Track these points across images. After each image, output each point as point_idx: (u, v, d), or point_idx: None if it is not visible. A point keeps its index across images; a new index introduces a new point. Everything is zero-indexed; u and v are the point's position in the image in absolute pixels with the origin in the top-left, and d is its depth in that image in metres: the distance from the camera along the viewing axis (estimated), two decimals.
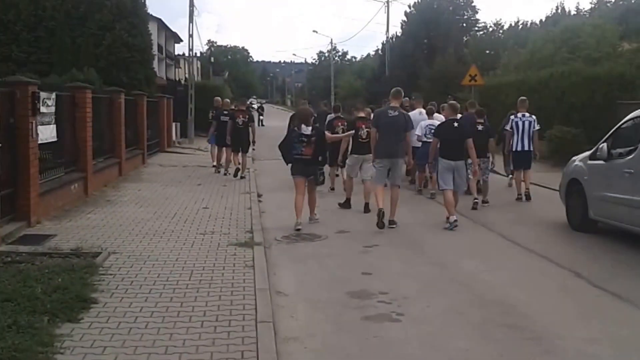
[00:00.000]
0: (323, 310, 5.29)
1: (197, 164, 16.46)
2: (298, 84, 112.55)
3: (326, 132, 9.68)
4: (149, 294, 5.37)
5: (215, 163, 14.99)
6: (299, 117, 8.97)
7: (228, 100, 17.95)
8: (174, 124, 21.67)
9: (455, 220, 8.50)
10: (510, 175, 12.25)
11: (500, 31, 39.59)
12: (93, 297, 5.19)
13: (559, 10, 43.52)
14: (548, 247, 7.53)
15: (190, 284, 5.71)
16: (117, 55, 19.90)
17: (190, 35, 23.03)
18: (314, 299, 5.59)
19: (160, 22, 46.08)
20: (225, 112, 14.62)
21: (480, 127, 10.57)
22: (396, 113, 8.67)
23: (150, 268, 6.22)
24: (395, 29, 61.87)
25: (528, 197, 10.84)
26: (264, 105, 35.06)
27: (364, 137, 9.97)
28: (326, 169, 10.32)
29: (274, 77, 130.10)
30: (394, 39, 36.23)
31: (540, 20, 44.44)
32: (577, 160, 9.02)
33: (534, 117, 11.03)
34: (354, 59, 78.83)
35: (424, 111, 12.23)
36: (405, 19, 35.24)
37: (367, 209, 9.72)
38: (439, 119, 11.43)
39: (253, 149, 14.31)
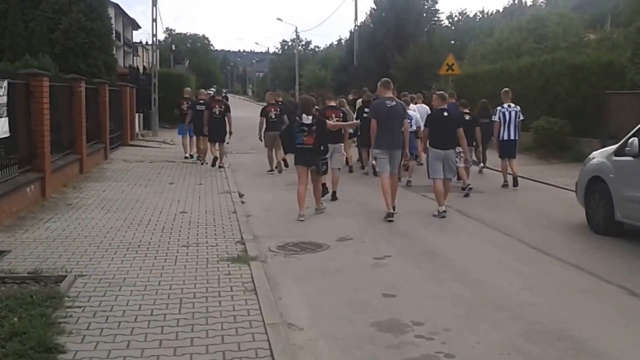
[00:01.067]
0: (352, 352, 4.26)
1: (165, 158, 15.13)
2: (259, 74, 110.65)
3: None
4: (131, 336, 4.24)
5: (187, 154, 15.19)
6: (300, 106, 8.93)
7: (204, 90, 17.97)
8: (137, 115, 20.17)
9: (444, 211, 8.60)
10: (482, 164, 13.03)
11: (464, 20, 39.19)
12: (59, 344, 4.03)
13: (516, 2, 43.39)
14: (579, 256, 6.69)
15: (181, 318, 4.59)
16: (74, 41, 18.29)
17: (154, 20, 21.49)
18: (336, 335, 4.55)
19: (117, 8, 43.84)
20: (202, 102, 14.53)
21: (467, 117, 11.01)
22: (394, 103, 8.67)
23: (127, 296, 5.07)
24: (363, 17, 60.73)
25: (516, 183, 11.11)
26: (227, 95, 33.52)
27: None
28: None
29: (234, 67, 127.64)
30: (361, 27, 35.19)
31: (498, 11, 44.27)
32: (598, 156, 8.21)
33: (518, 107, 11.34)
34: (317, 49, 77.58)
35: (424, 106, 12.68)
36: (374, 6, 34.20)
37: (334, 196, 9.95)
38: (412, 109, 12.15)
39: (228, 141, 14.22)
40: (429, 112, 10.84)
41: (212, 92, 20.09)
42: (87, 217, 8.05)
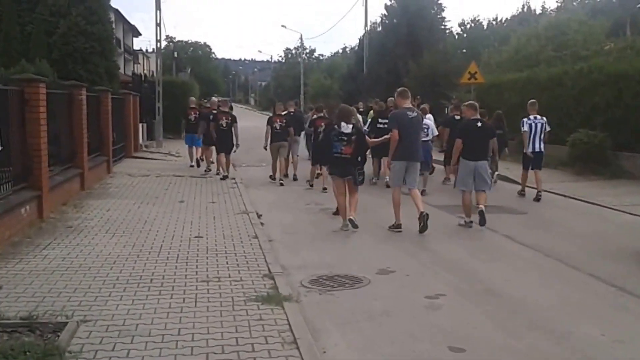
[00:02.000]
0: None
1: (172, 172, 14.18)
2: (261, 83, 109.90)
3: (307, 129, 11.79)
4: None
5: (192, 163, 15.56)
6: (338, 115, 8.58)
7: (215, 98, 17.87)
8: (140, 125, 19.24)
9: (471, 222, 8.53)
10: (496, 173, 12.66)
11: (476, 28, 38.24)
12: None
13: (525, 9, 42.60)
14: None
15: None
16: (73, 45, 17.39)
17: (158, 24, 20.55)
18: None
19: (117, 13, 43.08)
20: (215, 112, 14.28)
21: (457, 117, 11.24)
22: (415, 114, 8.59)
23: (142, 351, 4.14)
24: (373, 24, 60.31)
25: (538, 197, 10.85)
26: (232, 105, 32.53)
27: None
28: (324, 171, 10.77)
29: (236, 75, 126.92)
30: (371, 34, 34.31)
31: (506, 19, 43.44)
32: None
33: (545, 118, 11.24)
34: (321, 57, 76.83)
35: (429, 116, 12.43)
36: (385, 12, 33.32)
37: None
38: (428, 118, 12.27)
39: (234, 151, 13.98)
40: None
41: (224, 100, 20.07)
42: (90, 243, 7.10)
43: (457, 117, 12.32)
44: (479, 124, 8.78)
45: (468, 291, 5.86)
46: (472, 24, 36.80)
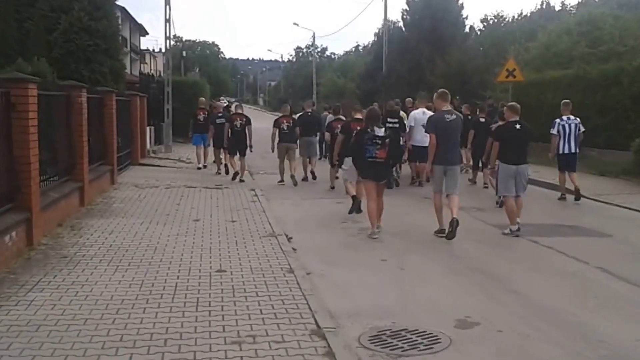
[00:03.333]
0: None
1: (184, 182, 12.77)
2: (270, 82, 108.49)
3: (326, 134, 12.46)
4: None
5: (200, 165, 15.47)
6: (369, 118, 8.42)
7: (220, 103, 18.53)
8: (148, 129, 17.87)
9: (518, 229, 8.17)
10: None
11: (502, 24, 36.49)
12: None
13: (544, 6, 40.94)
14: None
15: None
16: (75, 43, 16.01)
17: (167, 20, 19.20)
18: None
19: (123, 11, 41.76)
20: (220, 115, 14.56)
21: (482, 119, 11.38)
22: (453, 117, 8.30)
23: None
24: (389, 22, 58.67)
25: (578, 196, 10.74)
26: (242, 105, 30.95)
27: None
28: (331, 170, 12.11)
29: (244, 75, 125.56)
30: (391, 30, 32.71)
31: (525, 15, 41.81)
32: None
33: (578, 119, 11.10)
34: (333, 56, 75.31)
35: (427, 111, 12.04)
36: (406, 7, 31.64)
37: (359, 208, 9.53)
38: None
39: (250, 152, 13.97)
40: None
41: (226, 102, 20.13)
42: (89, 280, 5.71)
43: (482, 120, 12.75)
44: (518, 126, 8.44)
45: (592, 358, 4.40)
46: (495, 20, 34.96)
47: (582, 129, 11.08)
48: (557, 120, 11.06)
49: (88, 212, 8.95)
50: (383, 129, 8.21)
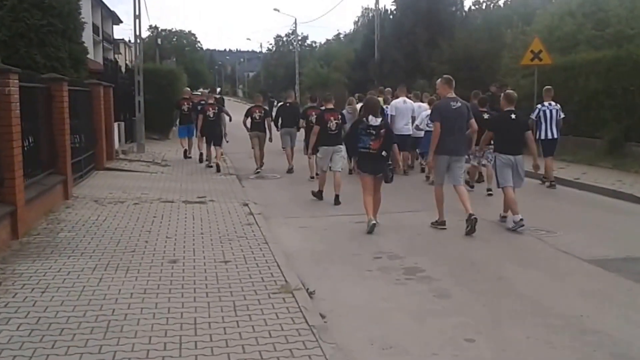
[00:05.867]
0: None
1: (159, 194, 10.14)
2: (248, 73, 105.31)
3: (300, 121, 13.33)
4: None
5: (189, 155, 15.90)
6: (366, 107, 8.22)
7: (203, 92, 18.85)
8: (116, 125, 15.14)
9: (521, 220, 7.81)
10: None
11: (494, 6, 34.20)
12: None
13: None
14: None
15: None
16: (25, 22, 13.20)
17: None
18: None
19: None
20: (203, 103, 15.04)
21: (486, 116, 10.60)
22: (459, 104, 7.98)
23: None
24: (372, 5, 55.92)
25: (543, 182, 11.45)
26: (223, 97, 28.25)
27: (333, 128, 10.38)
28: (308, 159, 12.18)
29: (222, 66, 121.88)
30: (381, 14, 30.19)
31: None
32: None
33: (559, 105, 11.56)
34: (314, 44, 72.45)
35: (408, 100, 13.08)
36: None
37: (337, 200, 9.77)
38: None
39: (227, 141, 14.81)
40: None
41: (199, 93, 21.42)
42: None
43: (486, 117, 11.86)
44: (514, 116, 8.26)
45: None
46: (488, 2, 32.67)
47: (562, 115, 11.55)
48: (539, 106, 11.62)
49: (20, 249, 6.29)
50: (380, 119, 7.92)
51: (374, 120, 7.84)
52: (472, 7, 33.59)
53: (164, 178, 12.38)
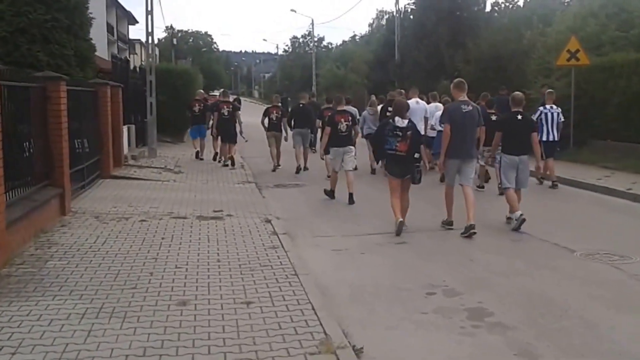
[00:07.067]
0: None
1: (169, 207, 8.97)
2: (264, 75, 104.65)
3: (317, 121, 14.16)
4: None
5: (201, 156, 15.88)
6: (393, 109, 8.22)
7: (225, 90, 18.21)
8: (125, 128, 14.05)
9: (522, 215, 7.88)
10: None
11: (513, 7, 32.80)
12: None
13: None
14: None
15: None
16: (28, 17, 12.19)
17: None
18: None
19: None
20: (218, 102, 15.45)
21: (494, 118, 10.77)
22: (470, 107, 8.04)
23: None
24: (381, 12, 54.54)
25: (541, 182, 11.64)
26: (240, 98, 27.17)
27: (343, 130, 10.44)
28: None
29: (238, 67, 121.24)
30: (401, 15, 28.95)
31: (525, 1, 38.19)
32: None
33: (560, 109, 11.98)
34: (330, 45, 71.37)
35: (420, 101, 13.40)
36: None
37: (351, 199, 9.97)
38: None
39: (245, 140, 15.42)
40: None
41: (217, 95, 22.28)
42: None
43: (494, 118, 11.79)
44: (520, 117, 8.38)
45: None
46: (507, 4, 31.38)
47: (562, 119, 11.96)
48: (540, 108, 11.83)
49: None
50: (406, 121, 7.85)
51: (401, 122, 7.79)
52: (495, 8, 32.36)
53: (176, 187, 11.24)
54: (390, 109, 11.21)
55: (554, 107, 11.80)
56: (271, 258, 6.23)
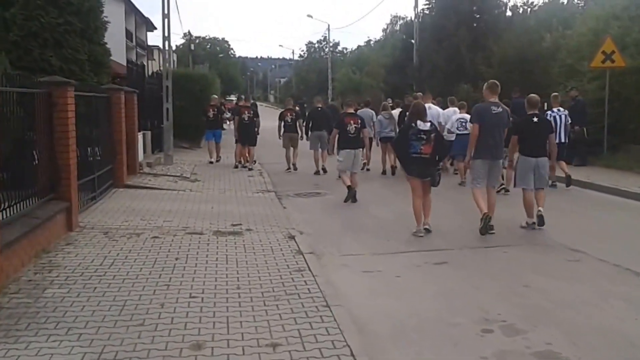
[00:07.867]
0: None
1: (185, 220, 8.29)
2: (280, 80, 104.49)
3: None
4: None
5: (212, 159, 16.21)
6: (414, 112, 8.09)
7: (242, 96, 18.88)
8: (140, 135, 13.44)
9: (534, 222, 8.13)
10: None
11: (531, 10, 31.87)
12: None
13: None
14: None
15: None
16: (40, 21, 11.64)
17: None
18: None
19: (128, 3, 37.92)
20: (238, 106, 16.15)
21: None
22: (500, 109, 8.09)
23: None
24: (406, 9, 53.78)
25: (569, 183, 11.62)
26: (257, 103, 26.62)
27: (352, 132, 10.79)
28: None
29: (254, 72, 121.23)
30: (419, 18, 28.09)
31: (554, 1, 36.99)
32: None
33: (566, 111, 12.30)
34: (345, 50, 70.86)
35: (433, 106, 13.37)
36: None
37: (354, 199, 10.34)
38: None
39: (257, 133, 15.55)
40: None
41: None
42: None
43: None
44: (536, 119, 8.42)
45: None
46: (525, 7, 30.50)
47: (569, 121, 12.21)
48: (549, 112, 12.00)
49: None
50: (429, 124, 7.95)
51: (423, 125, 7.86)
52: (516, 10, 31.47)
53: (193, 198, 10.58)
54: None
55: (561, 109, 12.17)
56: (298, 284, 5.52)
